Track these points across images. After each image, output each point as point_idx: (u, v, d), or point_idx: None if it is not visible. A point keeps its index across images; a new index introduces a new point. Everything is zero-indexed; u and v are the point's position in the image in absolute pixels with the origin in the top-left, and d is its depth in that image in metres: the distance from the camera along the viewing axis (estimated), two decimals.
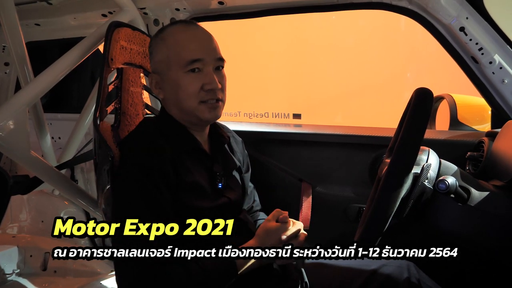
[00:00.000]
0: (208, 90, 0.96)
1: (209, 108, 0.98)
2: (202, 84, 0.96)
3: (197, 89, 0.96)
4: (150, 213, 0.87)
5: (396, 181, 0.78)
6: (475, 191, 0.85)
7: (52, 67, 1.18)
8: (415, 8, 1.30)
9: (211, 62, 0.97)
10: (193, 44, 0.97)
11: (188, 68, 0.95)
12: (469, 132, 1.57)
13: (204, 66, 0.96)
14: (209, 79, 0.96)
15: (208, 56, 0.97)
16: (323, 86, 3.16)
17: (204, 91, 0.96)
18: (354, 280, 1.09)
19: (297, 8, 1.40)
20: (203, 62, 0.96)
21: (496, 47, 1.22)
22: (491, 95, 1.30)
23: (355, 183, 1.51)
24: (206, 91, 0.96)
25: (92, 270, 1.76)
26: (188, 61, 0.95)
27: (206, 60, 0.96)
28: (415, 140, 0.78)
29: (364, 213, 1.06)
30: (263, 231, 0.97)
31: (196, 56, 0.95)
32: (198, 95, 0.96)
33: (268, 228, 0.97)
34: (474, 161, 1.21)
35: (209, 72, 0.97)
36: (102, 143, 1.00)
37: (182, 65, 0.96)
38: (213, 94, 0.97)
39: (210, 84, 0.96)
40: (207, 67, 0.97)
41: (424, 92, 0.83)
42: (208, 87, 0.96)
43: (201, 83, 0.96)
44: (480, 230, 0.85)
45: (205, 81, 0.96)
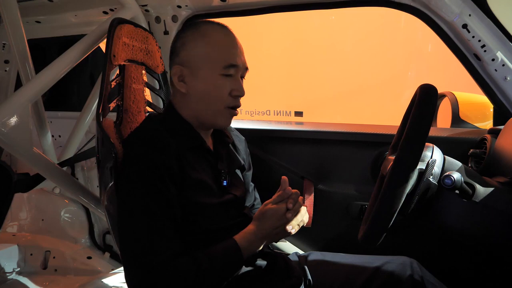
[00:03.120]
0: (235, 97, 1.00)
1: (231, 115, 1.02)
2: (231, 90, 0.99)
3: (226, 93, 0.99)
4: (157, 208, 0.86)
5: (401, 177, 0.78)
6: (480, 187, 0.84)
7: (54, 63, 1.18)
8: (418, 5, 1.30)
9: (241, 71, 1.02)
10: (234, 49, 1.01)
11: (224, 71, 0.98)
12: (471, 129, 1.56)
13: (236, 73, 1.00)
14: (238, 85, 1.00)
15: (242, 65, 1.02)
16: (325, 84, 3.18)
17: (231, 96, 1.00)
18: (357, 277, 1.10)
19: (300, 5, 1.39)
20: (237, 69, 1.00)
21: (498, 44, 1.22)
22: (494, 93, 1.31)
23: (357, 180, 1.51)
24: (233, 97, 1.00)
25: (92, 268, 1.75)
26: (228, 64, 0.98)
27: (240, 67, 1.01)
28: (421, 136, 0.78)
29: (367, 211, 1.06)
30: (261, 214, 0.97)
31: (235, 61, 0.99)
32: (226, 99, 1.00)
33: (266, 211, 0.96)
34: (476, 158, 1.21)
35: (238, 79, 1.01)
36: (105, 140, 0.99)
37: (220, 66, 0.98)
38: (238, 101, 1.01)
39: (238, 91, 1.00)
40: (238, 74, 1.01)
41: (429, 88, 0.83)
42: (235, 93, 1.00)
43: (230, 89, 0.99)
44: (485, 226, 0.84)
45: (234, 87, 1.00)
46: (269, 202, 0.97)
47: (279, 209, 0.95)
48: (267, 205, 0.97)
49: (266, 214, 0.95)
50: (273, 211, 0.95)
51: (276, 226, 0.95)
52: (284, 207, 0.95)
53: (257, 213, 0.98)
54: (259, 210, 0.98)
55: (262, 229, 0.95)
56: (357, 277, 1.10)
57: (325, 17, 3.09)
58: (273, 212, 0.95)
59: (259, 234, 0.95)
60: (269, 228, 0.95)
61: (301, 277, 1.08)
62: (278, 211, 0.95)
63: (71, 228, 1.86)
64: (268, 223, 0.95)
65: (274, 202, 0.97)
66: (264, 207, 0.97)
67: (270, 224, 0.95)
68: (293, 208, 0.96)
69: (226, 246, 0.93)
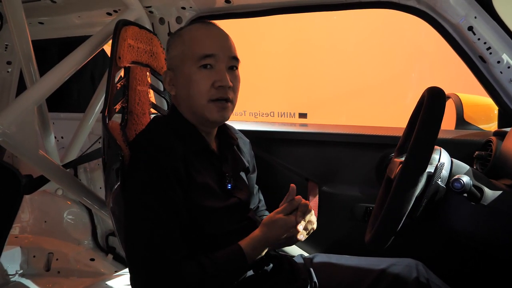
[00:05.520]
0: (218, 88, 0.94)
1: (218, 108, 0.96)
2: (213, 81, 0.94)
3: (207, 86, 0.94)
4: (163, 212, 0.86)
5: (411, 180, 0.78)
6: (488, 190, 0.85)
7: (59, 66, 1.18)
8: (423, 7, 1.30)
9: (224, 60, 0.96)
10: (208, 40, 0.96)
11: (200, 63, 0.94)
12: (476, 131, 1.58)
13: (216, 63, 0.95)
14: (220, 76, 0.94)
15: (222, 53, 0.96)
16: (328, 84, 3.19)
17: (214, 88, 0.94)
18: (363, 280, 1.10)
19: (304, 7, 1.39)
20: (216, 58, 0.95)
21: (504, 46, 1.23)
22: (499, 95, 1.31)
23: (362, 182, 1.51)
24: (217, 89, 0.94)
25: (96, 270, 1.75)
26: (200, 55, 0.94)
27: (219, 56, 0.95)
28: (430, 140, 0.78)
29: (373, 213, 1.06)
30: (270, 222, 0.95)
31: (209, 51, 0.94)
32: (208, 92, 0.95)
33: (275, 220, 0.94)
34: (482, 160, 1.22)
35: (221, 69, 0.95)
36: (111, 142, 0.99)
37: (195, 60, 0.95)
38: (223, 92, 0.95)
39: (220, 81, 0.94)
40: (220, 64, 0.95)
41: (437, 91, 0.83)
42: (218, 84, 0.94)
43: (212, 80, 0.94)
44: (493, 229, 0.85)
45: (216, 78, 0.94)
46: (280, 212, 0.95)
47: (290, 220, 0.93)
48: (278, 214, 0.95)
49: (276, 224, 0.94)
50: (283, 221, 0.93)
51: (284, 236, 0.94)
52: (294, 219, 0.94)
53: (266, 221, 0.96)
54: (269, 218, 0.96)
55: (269, 237, 0.94)
56: (362, 279, 1.10)
57: (328, 17, 3.10)
58: (283, 223, 0.93)
59: (265, 242, 0.94)
60: (277, 237, 0.94)
61: (307, 279, 1.08)
62: (288, 223, 0.93)
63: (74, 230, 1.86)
64: (277, 233, 0.94)
65: (284, 212, 0.95)
66: (275, 215, 0.95)
67: (278, 234, 0.94)
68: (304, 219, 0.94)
69: (231, 252, 0.92)
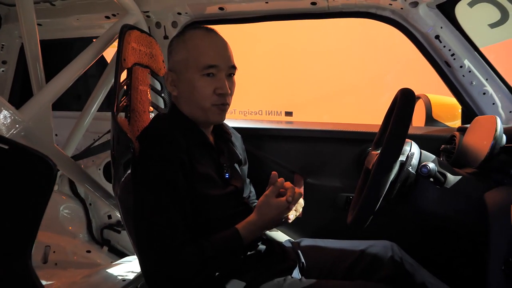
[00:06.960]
0: (219, 95, 1.05)
1: (219, 110, 1.07)
2: (214, 88, 1.04)
3: (210, 92, 1.04)
4: (170, 200, 0.94)
5: (386, 167, 0.89)
6: (451, 175, 0.97)
7: (70, 65, 1.24)
8: (397, 18, 1.43)
9: (224, 69, 1.06)
10: (211, 51, 1.05)
11: (204, 72, 1.04)
12: (443, 128, 1.69)
13: (218, 72, 1.05)
14: (221, 84, 1.04)
15: (223, 63, 1.05)
16: (313, 86, 3.30)
17: (216, 94, 1.05)
18: (345, 259, 1.20)
19: (291, 15, 1.49)
20: (218, 68, 1.05)
21: (466, 53, 1.37)
22: (462, 95, 1.45)
23: (343, 174, 1.60)
24: (218, 95, 1.05)
25: (93, 262, 1.78)
26: (205, 66, 1.04)
27: (221, 67, 1.05)
28: (402, 133, 0.90)
29: (354, 199, 1.17)
30: (264, 205, 1.01)
31: (213, 62, 1.04)
32: (210, 98, 1.05)
33: (269, 202, 1.00)
34: (447, 153, 1.34)
35: (222, 78, 1.05)
36: (121, 137, 1.05)
37: (199, 69, 1.04)
38: (223, 98, 1.06)
39: (221, 89, 1.04)
40: (221, 73, 1.05)
41: (408, 92, 0.95)
42: (219, 91, 1.04)
43: (213, 87, 1.04)
44: (454, 208, 0.97)
45: (217, 86, 1.04)
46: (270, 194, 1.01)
47: (282, 201, 1.00)
48: (270, 198, 1.01)
49: (271, 206, 1.00)
50: (276, 203, 1.00)
51: (277, 217, 1.01)
52: (285, 200, 1.00)
53: (259, 204, 1.02)
54: (261, 201, 1.02)
55: (264, 219, 1.00)
56: (345, 259, 1.20)
57: (313, 23, 3.22)
58: (276, 205, 1.00)
59: (261, 223, 1.01)
60: (271, 218, 1.00)
61: (296, 260, 1.18)
62: (280, 204, 1.00)
63: (70, 224, 1.88)
64: (271, 213, 1.00)
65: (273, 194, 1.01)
66: (267, 199, 1.01)
67: (273, 214, 1.00)
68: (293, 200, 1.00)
69: (229, 235, 0.99)
